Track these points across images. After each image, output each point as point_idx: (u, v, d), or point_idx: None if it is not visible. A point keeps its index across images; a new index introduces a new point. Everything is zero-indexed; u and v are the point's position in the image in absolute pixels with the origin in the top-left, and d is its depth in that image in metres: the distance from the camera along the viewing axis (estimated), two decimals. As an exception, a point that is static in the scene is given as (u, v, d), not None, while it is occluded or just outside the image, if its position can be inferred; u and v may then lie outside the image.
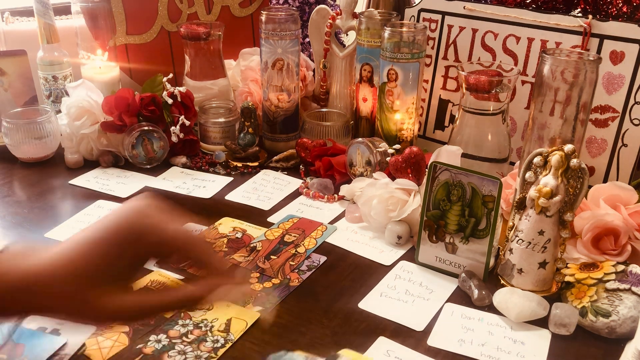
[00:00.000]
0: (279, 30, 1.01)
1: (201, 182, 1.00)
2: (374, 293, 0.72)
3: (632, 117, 0.86)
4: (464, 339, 0.65)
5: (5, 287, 0.46)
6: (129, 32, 1.17)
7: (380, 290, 0.73)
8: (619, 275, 0.68)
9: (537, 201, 0.68)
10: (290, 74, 1.05)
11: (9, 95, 1.10)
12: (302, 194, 0.96)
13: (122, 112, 1.01)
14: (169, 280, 0.74)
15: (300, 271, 0.76)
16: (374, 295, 0.72)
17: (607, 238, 0.74)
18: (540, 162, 0.69)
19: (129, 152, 1.02)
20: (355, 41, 1.07)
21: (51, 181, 1.00)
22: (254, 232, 0.85)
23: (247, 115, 1.04)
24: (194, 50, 1.12)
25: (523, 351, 0.64)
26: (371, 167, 0.93)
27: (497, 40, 0.97)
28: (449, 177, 0.73)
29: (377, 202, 0.83)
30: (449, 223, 0.74)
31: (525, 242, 0.70)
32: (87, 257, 0.47)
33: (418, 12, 1.06)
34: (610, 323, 0.64)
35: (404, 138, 1.01)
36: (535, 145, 0.79)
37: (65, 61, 1.14)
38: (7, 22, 1.23)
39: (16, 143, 1.03)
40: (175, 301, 0.52)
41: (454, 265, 0.75)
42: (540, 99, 0.78)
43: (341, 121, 1.09)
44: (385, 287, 0.74)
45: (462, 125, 0.91)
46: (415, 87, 0.97)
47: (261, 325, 0.67)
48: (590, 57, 0.76)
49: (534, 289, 0.71)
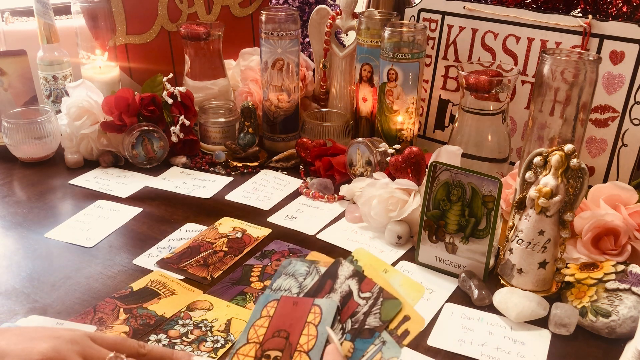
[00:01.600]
0: (279, 30, 1.01)
1: (201, 182, 1.00)
2: (374, 293, 0.72)
3: (632, 117, 0.86)
4: (464, 339, 0.65)
5: None
6: (129, 32, 1.17)
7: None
8: (619, 275, 0.68)
9: (537, 201, 0.68)
10: (290, 74, 1.05)
11: (9, 95, 1.10)
12: (302, 194, 0.96)
13: (122, 112, 1.01)
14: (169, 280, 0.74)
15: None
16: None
17: (607, 238, 0.74)
18: (540, 162, 0.70)
19: (129, 152, 1.02)
20: (355, 41, 1.07)
21: (51, 181, 1.00)
22: (254, 231, 0.85)
23: (247, 115, 1.04)
24: (194, 50, 1.12)
25: (523, 351, 0.64)
26: (371, 167, 0.93)
27: (497, 40, 0.97)
28: (449, 177, 0.73)
29: (377, 202, 0.83)
30: (449, 223, 0.74)
31: (525, 242, 0.70)
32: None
33: (418, 12, 1.06)
34: (610, 323, 0.64)
35: (404, 138, 1.01)
36: (535, 145, 0.79)
37: (65, 61, 1.14)
38: (7, 22, 1.23)
39: (16, 143, 1.03)
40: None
41: (454, 265, 0.75)
42: (540, 99, 0.78)
43: (341, 121, 1.09)
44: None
45: (462, 125, 0.92)
46: (415, 87, 0.97)
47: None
48: (590, 57, 0.76)
49: (534, 289, 0.71)
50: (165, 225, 0.87)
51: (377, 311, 0.59)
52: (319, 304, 0.60)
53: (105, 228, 0.86)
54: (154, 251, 0.80)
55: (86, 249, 0.81)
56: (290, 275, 0.64)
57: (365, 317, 0.59)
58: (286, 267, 0.65)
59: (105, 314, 0.68)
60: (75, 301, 0.70)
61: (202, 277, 0.75)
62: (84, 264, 0.77)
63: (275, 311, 0.60)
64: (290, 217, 0.90)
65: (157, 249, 0.81)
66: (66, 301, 0.70)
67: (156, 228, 0.86)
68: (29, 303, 0.70)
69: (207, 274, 0.75)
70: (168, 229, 0.86)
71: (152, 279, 0.74)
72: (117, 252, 0.80)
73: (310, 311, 0.59)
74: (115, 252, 0.80)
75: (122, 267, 0.77)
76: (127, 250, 0.81)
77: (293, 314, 0.59)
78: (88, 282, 0.74)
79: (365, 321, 0.58)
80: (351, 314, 0.59)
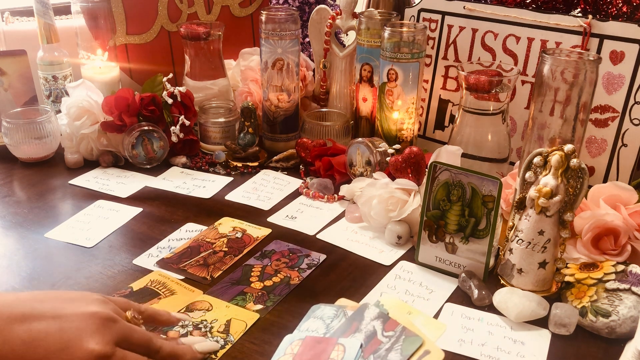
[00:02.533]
0: (279, 30, 1.01)
1: (201, 182, 1.00)
2: (374, 293, 0.72)
3: (632, 117, 0.86)
4: (464, 339, 0.65)
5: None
6: (129, 32, 1.17)
7: (380, 290, 0.73)
8: (619, 275, 0.68)
9: (537, 201, 0.68)
10: (290, 74, 1.05)
11: (9, 95, 1.10)
12: (302, 194, 0.96)
13: (122, 112, 1.01)
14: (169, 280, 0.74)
15: (300, 269, 0.76)
16: (374, 295, 0.72)
17: (607, 238, 0.74)
18: (540, 162, 0.69)
19: (129, 152, 1.02)
20: (355, 41, 1.07)
21: (51, 181, 1.00)
22: (253, 231, 0.85)
23: (247, 115, 1.04)
24: (194, 50, 1.12)
25: (523, 351, 0.64)
26: (371, 167, 0.93)
27: (497, 40, 0.97)
28: (449, 177, 0.73)
29: (377, 202, 0.83)
30: (449, 223, 0.74)
31: (525, 242, 0.70)
32: None
33: (418, 12, 1.06)
34: (610, 323, 0.64)
35: (404, 138, 1.01)
36: (535, 145, 0.79)
37: (65, 61, 1.14)
38: (7, 22, 1.23)
39: (16, 143, 1.03)
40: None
41: (454, 265, 0.75)
42: (540, 99, 0.78)
43: (341, 121, 1.09)
44: (385, 287, 0.74)
45: (462, 125, 0.92)
46: (415, 87, 0.97)
47: (261, 325, 0.67)
48: (590, 57, 0.76)
49: (534, 289, 0.71)
50: (165, 225, 0.87)
51: (398, 347, 0.61)
52: (342, 343, 0.61)
53: (105, 228, 0.86)
54: (154, 251, 0.80)
55: (86, 249, 0.81)
56: (318, 318, 0.65)
57: (387, 352, 0.61)
58: (315, 311, 0.67)
59: (105, 314, 0.68)
60: (75, 301, 0.70)
61: (202, 277, 0.75)
62: (84, 264, 0.77)
63: (299, 349, 0.61)
64: (290, 217, 0.90)
65: (157, 249, 0.81)
66: (66, 301, 0.70)
67: (156, 228, 0.86)
68: (29, 303, 0.70)
69: (207, 274, 0.75)
70: (168, 229, 0.86)
71: (152, 279, 0.74)
72: (117, 252, 0.80)
73: (334, 349, 0.60)
74: (115, 252, 0.80)
75: (122, 267, 0.77)
76: (127, 250, 0.81)
77: (316, 352, 0.60)
78: (88, 282, 0.74)
79: (387, 357, 0.60)
80: (373, 350, 0.60)
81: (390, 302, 0.69)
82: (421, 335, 0.63)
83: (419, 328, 0.65)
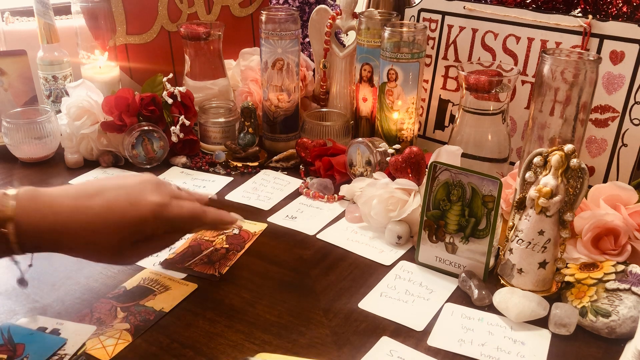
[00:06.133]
0: (279, 30, 1.01)
1: (201, 182, 1.00)
2: (374, 293, 0.72)
3: (632, 117, 0.86)
4: (464, 339, 0.65)
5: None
6: (129, 32, 1.17)
7: (380, 290, 0.73)
8: (619, 275, 0.68)
9: (537, 201, 0.68)
10: (290, 74, 1.05)
11: (9, 95, 1.10)
12: (302, 194, 0.96)
13: (122, 112, 1.01)
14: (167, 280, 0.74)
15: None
16: (374, 295, 0.72)
17: (607, 238, 0.74)
18: (540, 162, 0.69)
19: (129, 152, 1.02)
20: (355, 41, 1.07)
21: (51, 181, 1.00)
22: (250, 227, 0.85)
23: (247, 115, 1.04)
24: (194, 50, 1.12)
25: (523, 351, 0.64)
26: (371, 167, 0.93)
27: (497, 40, 0.97)
28: (449, 177, 0.73)
29: (377, 202, 0.83)
30: (449, 223, 0.74)
31: (525, 242, 0.70)
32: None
33: (418, 12, 1.06)
34: (610, 323, 0.64)
35: (404, 138, 1.01)
36: (535, 145, 0.79)
37: (65, 61, 1.14)
38: (7, 22, 1.23)
39: (16, 143, 1.03)
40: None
41: (454, 265, 0.75)
42: (540, 99, 0.78)
43: (341, 121, 1.09)
44: (385, 287, 0.74)
45: (462, 125, 0.92)
46: (415, 87, 0.97)
47: (261, 325, 0.67)
48: (590, 57, 0.76)
49: (534, 289, 0.71)
50: (165, 225, 0.87)
51: None
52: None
53: (105, 228, 0.86)
54: (154, 251, 0.80)
55: (86, 249, 0.81)
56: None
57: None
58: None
59: (103, 314, 0.68)
60: (75, 301, 0.70)
61: (210, 274, 0.75)
62: (84, 264, 0.77)
63: None
64: (290, 217, 0.90)
65: (157, 249, 0.81)
66: (66, 301, 0.70)
67: (156, 228, 0.86)
68: (29, 303, 0.70)
69: (215, 270, 0.76)
70: (168, 229, 0.86)
71: (144, 277, 0.74)
72: (117, 252, 0.80)
73: None
74: (115, 252, 0.80)
75: (122, 267, 0.77)
76: (127, 250, 0.81)
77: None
78: (88, 282, 0.74)
79: None
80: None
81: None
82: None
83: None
